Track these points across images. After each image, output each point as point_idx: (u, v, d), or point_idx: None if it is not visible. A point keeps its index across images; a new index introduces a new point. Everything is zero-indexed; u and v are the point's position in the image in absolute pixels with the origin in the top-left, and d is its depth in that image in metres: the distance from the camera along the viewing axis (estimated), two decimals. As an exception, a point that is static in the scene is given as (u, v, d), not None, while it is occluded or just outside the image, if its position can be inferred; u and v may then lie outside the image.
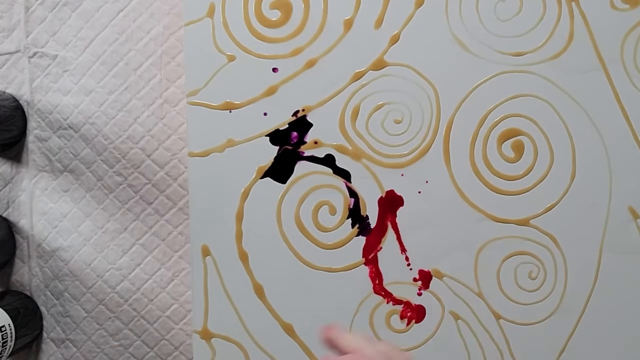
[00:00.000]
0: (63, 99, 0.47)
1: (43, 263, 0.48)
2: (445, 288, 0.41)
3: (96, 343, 0.47)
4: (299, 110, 0.41)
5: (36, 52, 0.47)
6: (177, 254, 0.46)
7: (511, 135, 0.40)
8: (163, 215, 0.46)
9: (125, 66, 0.46)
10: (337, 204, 0.42)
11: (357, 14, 0.41)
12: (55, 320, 0.48)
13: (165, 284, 0.47)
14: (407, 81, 0.41)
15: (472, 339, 0.41)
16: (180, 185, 0.46)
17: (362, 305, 0.42)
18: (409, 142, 0.41)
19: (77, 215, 0.47)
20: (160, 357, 0.47)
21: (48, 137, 0.47)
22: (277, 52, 0.41)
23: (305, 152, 0.42)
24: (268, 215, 0.42)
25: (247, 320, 0.42)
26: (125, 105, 0.46)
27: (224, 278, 0.42)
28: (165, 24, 0.46)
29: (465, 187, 0.41)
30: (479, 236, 0.41)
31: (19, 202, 0.48)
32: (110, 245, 0.47)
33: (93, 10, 0.46)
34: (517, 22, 0.40)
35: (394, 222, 0.41)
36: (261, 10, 0.41)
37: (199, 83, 0.42)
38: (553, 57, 0.40)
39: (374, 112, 0.41)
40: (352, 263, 0.42)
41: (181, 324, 0.46)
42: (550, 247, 0.40)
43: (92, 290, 0.47)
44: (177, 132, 0.46)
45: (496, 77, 0.40)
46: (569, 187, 0.40)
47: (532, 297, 0.41)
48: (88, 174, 0.47)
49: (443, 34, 0.40)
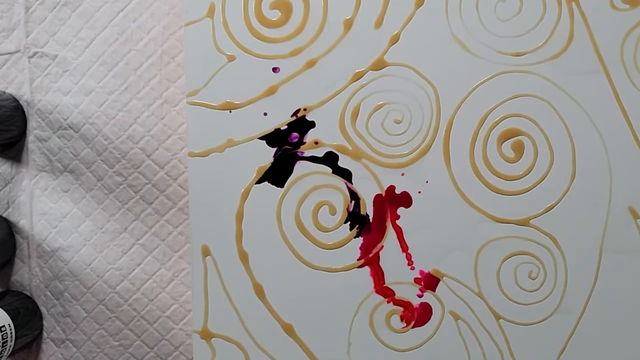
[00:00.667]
0: (63, 99, 0.47)
1: (43, 263, 0.48)
2: (445, 288, 0.41)
3: (96, 343, 0.47)
4: (299, 110, 0.41)
5: (36, 52, 0.47)
6: (177, 254, 0.46)
7: (511, 135, 0.40)
8: (163, 215, 0.46)
9: (125, 66, 0.46)
10: (337, 204, 0.42)
11: (357, 14, 0.41)
12: (55, 320, 0.48)
13: (165, 284, 0.47)
14: (407, 81, 0.41)
15: (472, 339, 0.41)
16: (180, 185, 0.46)
17: (362, 305, 0.42)
18: (409, 142, 0.41)
19: (77, 215, 0.47)
20: (160, 357, 0.47)
21: (48, 137, 0.47)
22: (277, 52, 0.41)
23: (305, 152, 0.42)
24: (268, 215, 0.42)
25: (247, 320, 0.42)
26: (125, 105, 0.46)
27: (224, 278, 0.42)
28: (165, 24, 0.46)
29: (465, 187, 0.41)
30: (479, 236, 0.41)
31: (19, 202, 0.48)
32: (110, 245, 0.47)
33: (93, 10, 0.46)
34: (517, 22, 0.40)
35: (394, 221, 0.41)
36: (261, 10, 0.42)
37: (199, 83, 0.42)
38: (553, 57, 0.40)
39: (374, 112, 0.41)
40: (352, 263, 0.42)
41: (181, 324, 0.46)
42: (550, 247, 0.40)
43: (92, 290, 0.47)
44: (177, 132, 0.46)
45: (496, 77, 0.40)
46: (569, 187, 0.40)
47: (532, 297, 0.41)
48: (88, 174, 0.47)
49: (443, 34, 0.40)
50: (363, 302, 0.42)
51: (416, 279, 0.41)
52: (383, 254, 0.41)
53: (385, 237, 0.41)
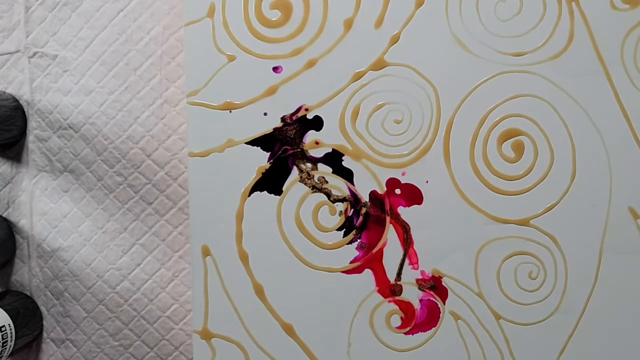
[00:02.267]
0: (63, 99, 0.47)
1: (43, 263, 0.48)
2: (445, 288, 0.41)
3: (96, 343, 0.47)
4: (300, 109, 0.41)
5: (36, 52, 0.47)
6: (177, 254, 0.46)
7: (511, 135, 0.40)
8: (163, 215, 0.46)
9: (125, 66, 0.46)
10: (337, 204, 0.42)
11: (357, 14, 0.41)
12: (55, 320, 0.48)
13: (165, 284, 0.47)
14: (407, 81, 0.41)
15: (472, 339, 0.41)
16: (180, 185, 0.46)
17: (362, 305, 0.42)
18: (409, 142, 0.41)
19: (77, 215, 0.47)
20: (160, 357, 0.47)
21: (48, 137, 0.47)
22: (277, 52, 0.41)
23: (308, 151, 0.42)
24: (268, 215, 0.42)
25: (247, 320, 0.42)
26: (126, 105, 0.46)
27: (224, 278, 0.42)
28: (165, 24, 0.46)
29: (466, 187, 0.41)
30: (479, 236, 0.41)
31: (19, 202, 0.48)
32: (110, 245, 0.47)
33: (93, 10, 0.46)
34: (517, 22, 0.40)
35: (394, 220, 0.41)
36: (261, 10, 0.42)
37: (199, 83, 0.42)
38: (553, 57, 0.40)
39: (374, 112, 0.41)
40: (352, 263, 0.42)
41: (181, 324, 0.46)
42: (550, 247, 0.40)
43: (92, 290, 0.47)
44: (177, 132, 0.46)
45: (496, 77, 0.40)
46: (569, 187, 0.40)
47: (532, 297, 0.41)
48: (88, 174, 0.47)
49: (443, 34, 0.40)
50: (363, 302, 0.42)
51: (417, 279, 0.41)
52: (384, 254, 0.41)
53: (386, 236, 0.41)
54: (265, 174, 0.42)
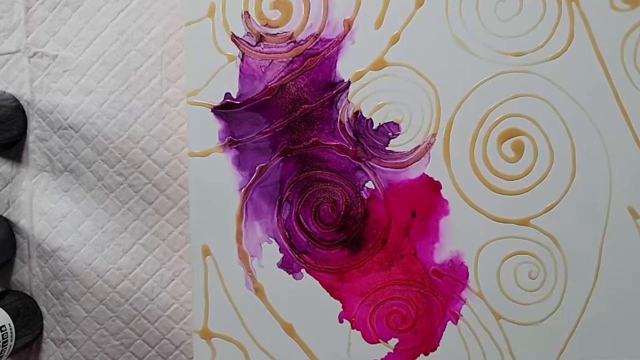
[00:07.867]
0: (63, 99, 0.47)
1: (43, 263, 0.48)
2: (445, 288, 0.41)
3: (96, 343, 0.47)
4: (300, 109, 0.41)
5: (36, 52, 0.47)
6: (177, 253, 0.46)
7: (511, 135, 0.40)
8: (163, 215, 0.46)
9: (126, 66, 0.46)
10: (337, 204, 0.42)
11: (357, 14, 0.41)
12: (56, 320, 0.48)
13: (166, 284, 0.47)
14: (407, 81, 0.41)
15: (472, 339, 0.41)
16: (181, 185, 0.46)
17: (362, 305, 0.42)
18: (409, 142, 0.41)
19: (78, 215, 0.47)
20: (161, 356, 0.47)
21: (48, 137, 0.47)
22: (277, 51, 0.41)
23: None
24: (268, 215, 0.42)
25: (247, 320, 0.42)
26: (126, 105, 0.46)
27: (224, 278, 0.42)
28: (165, 24, 0.46)
29: (465, 187, 0.41)
30: (479, 236, 0.41)
31: (19, 202, 0.48)
32: (110, 245, 0.47)
33: (93, 10, 0.46)
34: (517, 22, 0.40)
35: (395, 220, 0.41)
36: (261, 10, 0.42)
37: (199, 83, 0.42)
38: (553, 57, 0.40)
39: (374, 112, 0.41)
40: (352, 263, 0.42)
41: (181, 324, 0.46)
42: (550, 247, 0.40)
43: (93, 290, 0.47)
44: (178, 132, 0.46)
45: (496, 77, 0.40)
46: (569, 187, 0.40)
47: (532, 297, 0.41)
48: (88, 173, 0.47)
49: (443, 34, 0.40)
50: (363, 302, 0.42)
51: (417, 279, 0.41)
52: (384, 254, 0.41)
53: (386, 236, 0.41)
54: (266, 174, 0.42)
